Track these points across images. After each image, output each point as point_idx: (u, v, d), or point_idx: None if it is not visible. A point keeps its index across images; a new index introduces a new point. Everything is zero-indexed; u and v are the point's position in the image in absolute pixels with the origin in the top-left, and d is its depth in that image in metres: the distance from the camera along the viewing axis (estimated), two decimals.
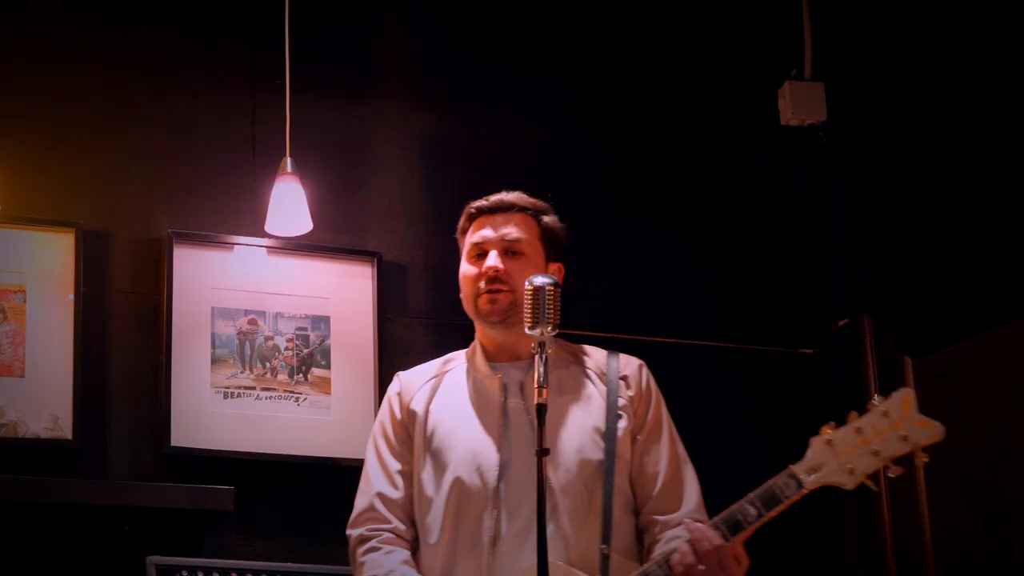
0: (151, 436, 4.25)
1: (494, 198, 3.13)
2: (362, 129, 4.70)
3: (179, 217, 4.43)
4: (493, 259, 3.03)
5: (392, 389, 3.16)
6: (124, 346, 4.31)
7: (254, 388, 4.37)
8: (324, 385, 4.44)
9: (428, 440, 3.02)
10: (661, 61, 5.05)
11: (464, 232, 3.16)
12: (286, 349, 4.42)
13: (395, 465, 3.05)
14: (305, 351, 4.44)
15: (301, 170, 4.36)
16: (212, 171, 4.51)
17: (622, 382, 3.02)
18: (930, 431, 2.75)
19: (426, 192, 4.71)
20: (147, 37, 4.53)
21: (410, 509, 3.02)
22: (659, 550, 2.85)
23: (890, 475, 2.77)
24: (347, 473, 4.27)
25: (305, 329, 4.46)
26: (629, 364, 3.07)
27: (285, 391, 4.39)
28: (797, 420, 4.37)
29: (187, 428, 4.25)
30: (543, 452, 2.63)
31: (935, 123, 4.81)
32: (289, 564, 3.92)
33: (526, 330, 2.76)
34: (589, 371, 3.05)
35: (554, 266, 3.12)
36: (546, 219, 3.13)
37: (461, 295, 3.13)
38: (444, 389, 3.09)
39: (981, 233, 4.62)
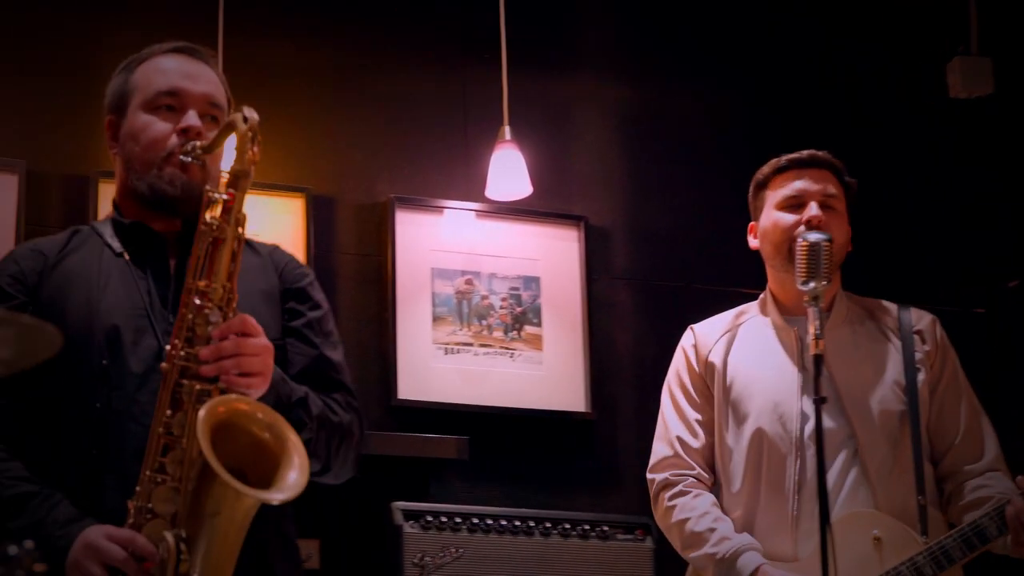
0: (378, 389, 3.95)
1: (806, 153, 2.83)
2: (567, 100, 4.38)
3: (398, 183, 4.13)
4: (815, 209, 2.74)
5: (686, 341, 2.87)
6: (350, 305, 4.02)
7: (472, 344, 4.04)
8: (536, 341, 4.10)
9: (727, 391, 2.76)
10: (835, 38, 4.64)
11: (766, 185, 2.84)
12: (500, 308, 4.09)
13: (694, 414, 2.79)
14: (518, 309, 4.11)
15: (514, 138, 4.03)
16: (428, 139, 4.20)
17: (916, 336, 2.75)
18: None
19: (628, 158, 4.37)
20: (368, 14, 4.23)
21: (710, 457, 2.77)
22: (964, 500, 2.59)
23: None
24: (559, 425, 4.05)
25: (517, 289, 4.13)
26: (923, 319, 2.79)
27: (500, 347, 4.07)
28: (969, 378, 4.03)
29: (411, 382, 3.95)
30: (821, 400, 2.38)
31: None
32: (522, 510, 3.58)
33: (798, 285, 2.50)
34: (884, 326, 2.78)
35: (848, 227, 2.86)
36: (848, 180, 2.87)
37: (767, 244, 2.80)
38: (740, 341, 2.81)
39: None
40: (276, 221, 3.97)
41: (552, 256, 4.17)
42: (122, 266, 2.23)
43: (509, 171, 3.98)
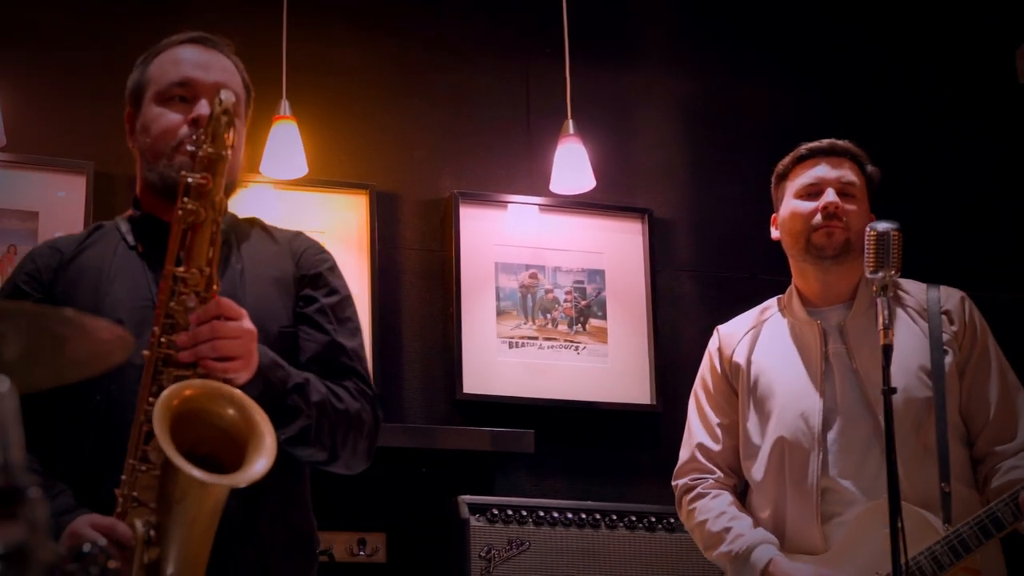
0: (443, 383, 3.89)
1: (826, 142, 2.75)
2: (629, 93, 4.29)
3: (461, 178, 4.06)
4: (832, 196, 2.66)
5: (712, 344, 2.83)
6: (415, 300, 3.98)
7: (536, 338, 3.97)
8: (601, 335, 4.01)
9: (752, 389, 2.70)
10: (902, 24, 4.50)
11: (786, 176, 2.79)
12: (565, 301, 4.01)
13: (715, 419, 2.75)
14: (583, 303, 4.02)
15: (577, 132, 3.95)
16: (491, 134, 4.13)
17: (944, 317, 2.64)
18: None
19: (690, 151, 4.28)
20: (430, 10, 4.17)
21: (732, 459, 2.72)
22: (997, 482, 2.50)
23: None
24: (625, 417, 3.96)
25: (582, 282, 4.05)
26: (951, 297, 2.68)
27: (565, 340, 3.98)
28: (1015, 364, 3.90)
29: (476, 376, 3.88)
30: (891, 391, 2.28)
31: None
32: (587, 502, 3.50)
33: (867, 274, 2.40)
34: (909, 308, 2.67)
35: (870, 216, 2.74)
36: (870, 169, 2.77)
37: (786, 234, 2.74)
38: (764, 338, 2.75)
39: None
40: (341, 218, 3.94)
41: (616, 249, 4.09)
42: (134, 259, 2.20)
43: (573, 165, 3.90)
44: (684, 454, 2.78)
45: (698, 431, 2.77)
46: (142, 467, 1.95)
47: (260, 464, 1.87)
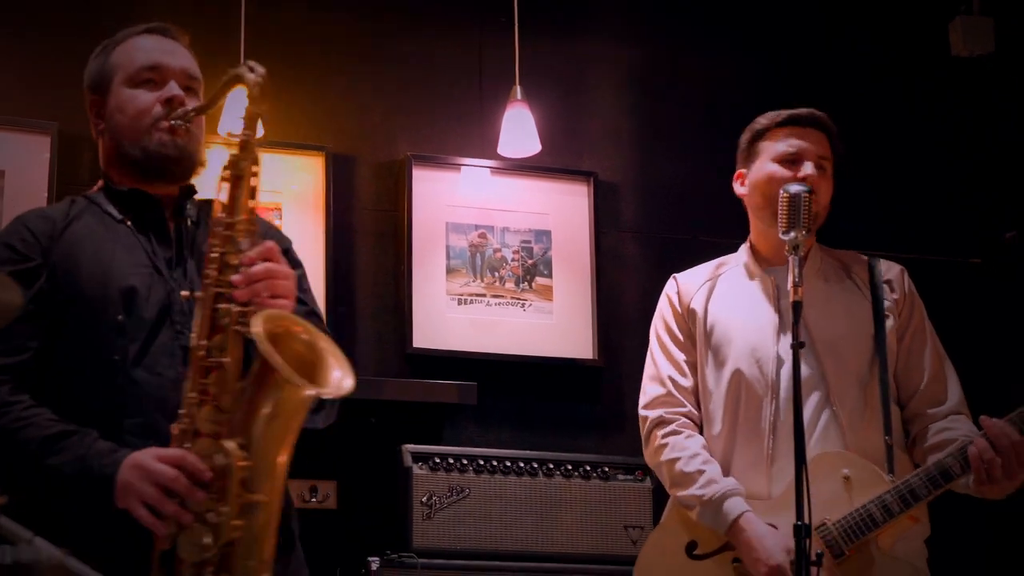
0: (394, 338, 3.82)
1: (807, 111, 2.68)
2: (578, 60, 4.19)
3: (415, 141, 3.96)
4: (810, 168, 2.60)
5: (670, 288, 2.75)
6: (368, 258, 3.89)
7: (484, 295, 3.89)
8: (547, 292, 3.94)
9: (708, 336, 2.65)
10: (837, 4, 4.41)
11: (761, 136, 2.68)
12: (512, 260, 3.93)
13: (681, 355, 2.68)
14: (529, 262, 3.95)
15: (526, 97, 3.87)
16: (444, 99, 4.03)
17: (886, 286, 2.63)
18: None
19: (636, 117, 4.18)
20: None
21: (696, 397, 2.66)
22: (928, 442, 2.49)
23: None
24: (568, 371, 3.90)
25: (529, 242, 3.97)
26: (891, 269, 2.67)
27: (512, 298, 3.91)
28: (965, 325, 3.83)
29: (426, 331, 3.81)
30: (799, 345, 2.27)
31: None
32: (526, 451, 3.42)
33: (780, 235, 2.39)
34: (855, 276, 2.66)
35: (832, 189, 2.71)
36: (838, 144, 2.72)
37: (759, 194, 2.65)
38: (720, 290, 2.69)
39: None
40: (297, 179, 3.85)
41: (562, 211, 4.00)
42: (125, 231, 2.19)
43: (519, 129, 3.82)
44: (654, 388, 2.67)
45: (665, 365, 2.67)
46: (201, 400, 1.96)
47: (347, 382, 1.92)
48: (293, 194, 3.83)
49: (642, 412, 2.67)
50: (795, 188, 2.40)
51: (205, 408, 1.95)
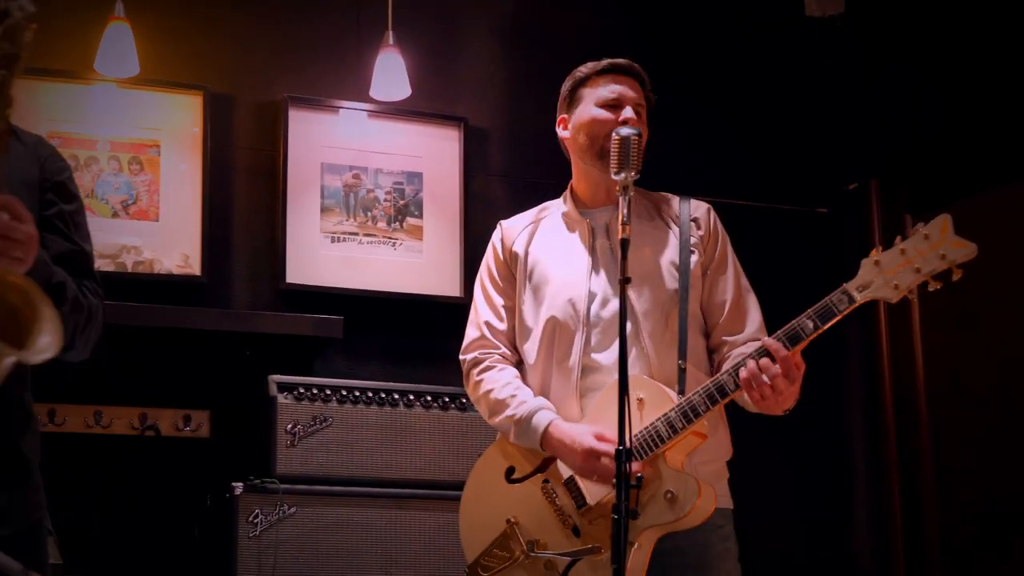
0: (269, 274, 3.75)
1: (625, 61, 2.67)
2: (453, 8, 4.10)
3: (293, 83, 3.86)
4: (630, 112, 2.60)
5: (495, 235, 2.77)
6: (245, 196, 3.80)
7: (357, 234, 3.82)
8: (417, 232, 3.89)
9: (529, 275, 2.66)
10: None
11: (584, 83, 2.67)
12: (385, 200, 3.87)
13: (499, 300, 2.69)
14: (401, 202, 3.89)
15: (400, 43, 3.79)
16: (322, 42, 3.93)
17: (693, 224, 2.64)
18: (965, 250, 2.31)
19: (507, 66, 4.12)
20: None
21: (513, 337, 2.67)
22: (728, 365, 2.48)
23: (930, 289, 2.34)
24: (436, 308, 3.86)
25: (401, 183, 3.90)
26: (699, 208, 2.68)
27: (384, 237, 3.85)
28: (811, 270, 3.89)
29: (299, 267, 3.74)
30: (625, 280, 2.27)
31: (937, 14, 4.13)
32: (388, 383, 3.40)
33: (611, 175, 2.38)
34: (665, 216, 2.67)
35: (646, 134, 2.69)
36: (650, 93, 2.71)
37: (584, 136, 2.63)
38: (541, 232, 2.70)
39: (972, 112, 4.01)
40: (176, 117, 3.73)
41: (434, 154, 3.95)
42: None
43: (391, 74, 3.75)
44: (472, 332, 2.70)
45: (484, 311, 2.70)
46: None
47: (45, 340, 1.71)
48: (172, 131, 3.72)
49: (461, 356, 2.70)
50: (626, 131, 2.39)
51: None
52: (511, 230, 2.74)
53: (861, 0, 4.38)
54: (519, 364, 2.67)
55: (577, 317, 2.55)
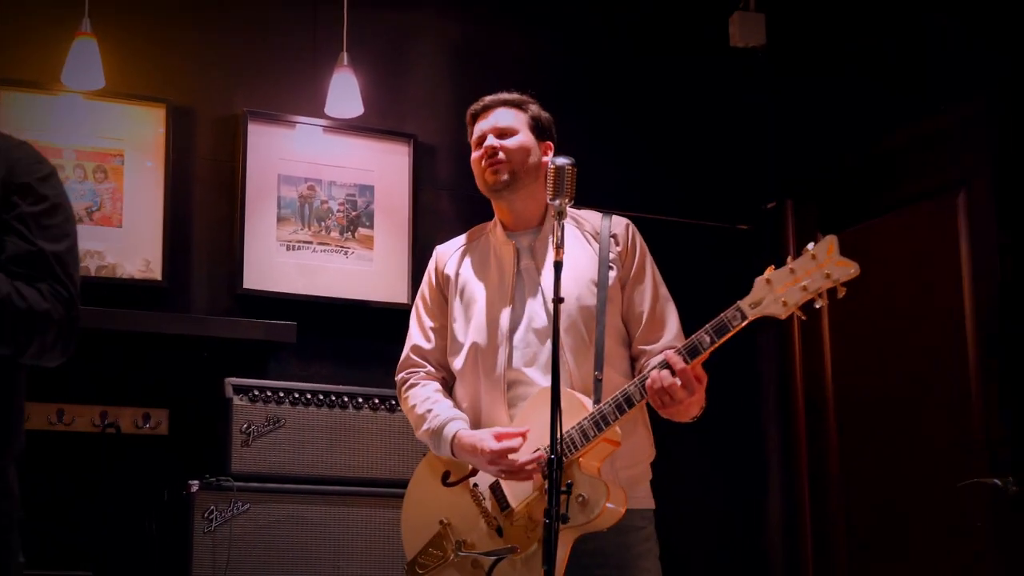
0: (226, 280, 3.66)
1: (484, 99, 2.72)
2: (405, 31, 4.03)
3: (252, 98, 3.77)
4: (491, 140, 2.63)
5: (431, 261, 2.76)
6: (205, 205, 3.70)
7: (311, 242, 3.74)
8: (368, 242, 3.82)
9: (460, 294, 2.64)
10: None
11: (471, 135, 2.73)
12: (338, 211, 3.79)
13: (428, 322, 2.67)
14: (353, 213, 3.81)
15: (353, 64, 3.73)
16: (281, 60, 3.84)
17: (612, 239, 2.60)
18: (848, 269, 2.27)
19: (454, 86, 4.05)
20: None
21: (440, 357, 2.65)
22: (646, 372, 2.46)
23: (816, 306, 2.31)
24: (385, 313, 3.82)
25: (353, 195, 3.83)
26: (619, 224, 2.64)
27: (336, 246, 3.78)
28: (733, 283, 3.88)
29: (256, 274, 3.66)
30: (559, 300, 2.23)
31: (849, 50, 4.15)
32: (337, 386, 3.32)
33: (548, 199, 2.33)
34: (586, 232, 2.63)
35: (544, 144, 2.68)
36: (532, 107, 2.69)
37: (477, 182, 2.68)
38: (470, 255, 2.69)
39: (875, 142, 4.01)
40: (138, 129, 3.62)
41: (385, 168, 3.88)
42: None
43: (345, 92, 3.68)
44: (404, 354, 2.69)
45: (415, 334, 2.68)
46: None
47: None
48: (135, 141, 3.61)
49: (396, 376, 2.68)
50: (560, 160, 2.34)
51: None
52: (443, 255, 2.73)
53: (780, 32, 4.40)
54: (446, 379, 2.65)
55: (500, 334, 2.52)
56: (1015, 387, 3.38)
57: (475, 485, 2.50)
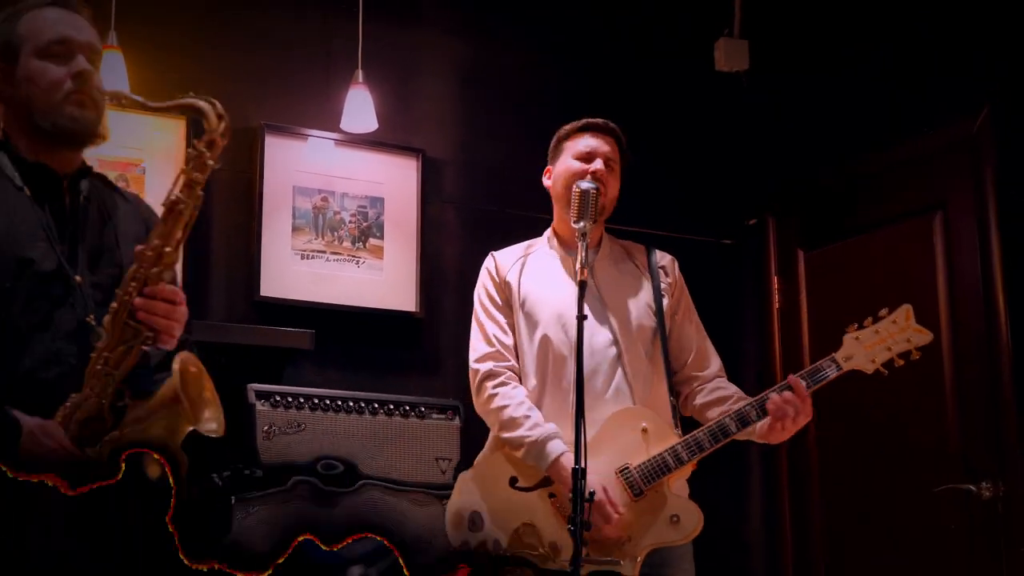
0: (244, 287, 3.60)
1: (602, 120, 2.70)
2: (415, 49, 4.00)
3: (269, 112, 3.72)
4: (599, 164, 2.60)
5: (489, 263, 2.71)
6: (224, 214, 3.64)
7: (324, 252, 3.70)
8: (378, 252, 3.78)
9: (522, 305, 2.62)
10: (630, 21, 4.36)
11: (567, 137, 2.68)
12: (350, 222, 3.75)
13: (502, 318, 2.64)
14: (364, 224, 3.77)
15: (367, 80, 3.71)
16: (296, 76, 3.79)
17: (661, 271, 2.68)
18: (924, 337, 2.53)
19: (462, 103, 4.03)
20: None
21: (516, 354, 2.63)
22: (703, 399, 2.54)
23: (895, 365, 2.54)
24: (395, 321, 3.78)
25: (365, 207, 3.78)
26: (664, 257, 2.72)
27: (348, 255, 3.73)
28: (718, 294, 3.89)
29: (272, 282, 3.61)
30: (583, 318, 2.27)
31: (830, 71, 4.16)
32: (355, 392, 3.28)
33: (571, 223, 2.40)
34: (636, 261, 2.68)
35: (619, 185, 2.72)
36: (625, 150, 2.73)
37: (560, 185, 2.63)
38: (529, 267, 2.67)
39: (856, 159, 4.02)
40: (160, 140, 3.57)
41: (395, 181, 3.84)
42: (24, 200, 1.99)
43: (360, 108, 3.65)
44: (482, 345, 2.62)
45: (490, 326, 2.63)
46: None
47: (211, 425, 2.07)
48: (156, 152, 3.54)
49: (473, 366, 2.62)
50: (585, 185, 2.41)
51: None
52: (504, 261, 2.68)
53: (763, 58, 4.40)
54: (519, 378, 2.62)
55: (568, 343, 2.51)
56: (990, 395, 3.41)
57: (552, 496, 2.47)
